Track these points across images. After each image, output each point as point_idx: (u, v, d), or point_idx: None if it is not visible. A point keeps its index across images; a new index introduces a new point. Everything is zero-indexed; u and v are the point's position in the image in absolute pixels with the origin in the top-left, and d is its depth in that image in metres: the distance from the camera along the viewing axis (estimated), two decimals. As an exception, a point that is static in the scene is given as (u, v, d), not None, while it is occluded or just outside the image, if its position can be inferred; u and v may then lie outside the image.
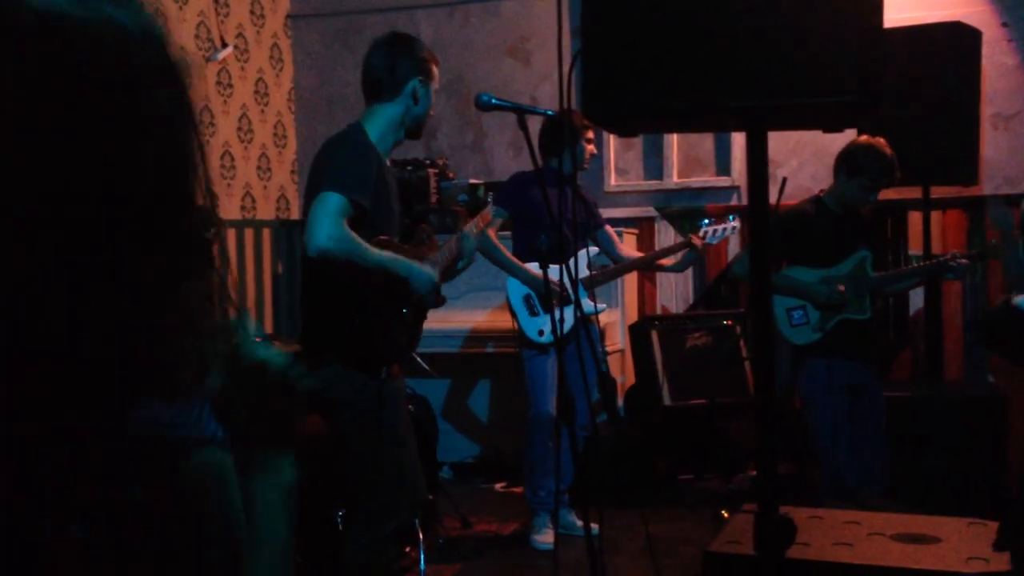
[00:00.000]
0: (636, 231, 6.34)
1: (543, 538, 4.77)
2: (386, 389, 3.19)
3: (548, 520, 4.80)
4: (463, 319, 5.74)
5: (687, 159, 6.44)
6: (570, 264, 3.26)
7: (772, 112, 1.58)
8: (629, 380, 6.05)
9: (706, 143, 6.39)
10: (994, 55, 5.62)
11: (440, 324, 5.31)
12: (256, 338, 4.97)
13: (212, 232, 0.80)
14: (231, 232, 6.50)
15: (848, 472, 4.28)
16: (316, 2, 7.08)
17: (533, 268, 4.74)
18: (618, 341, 5.97)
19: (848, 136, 4.81)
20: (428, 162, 6.36)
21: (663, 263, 5.07)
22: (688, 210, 6.32)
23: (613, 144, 6.49)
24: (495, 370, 6.15)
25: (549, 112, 3.77)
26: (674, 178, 6.42)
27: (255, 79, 6.77)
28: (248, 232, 6.66)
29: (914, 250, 5.77)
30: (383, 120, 3.30)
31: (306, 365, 3.15)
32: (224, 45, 6.38)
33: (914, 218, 5.74)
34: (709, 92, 1.56)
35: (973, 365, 5.77)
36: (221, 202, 6.77)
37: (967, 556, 2.30)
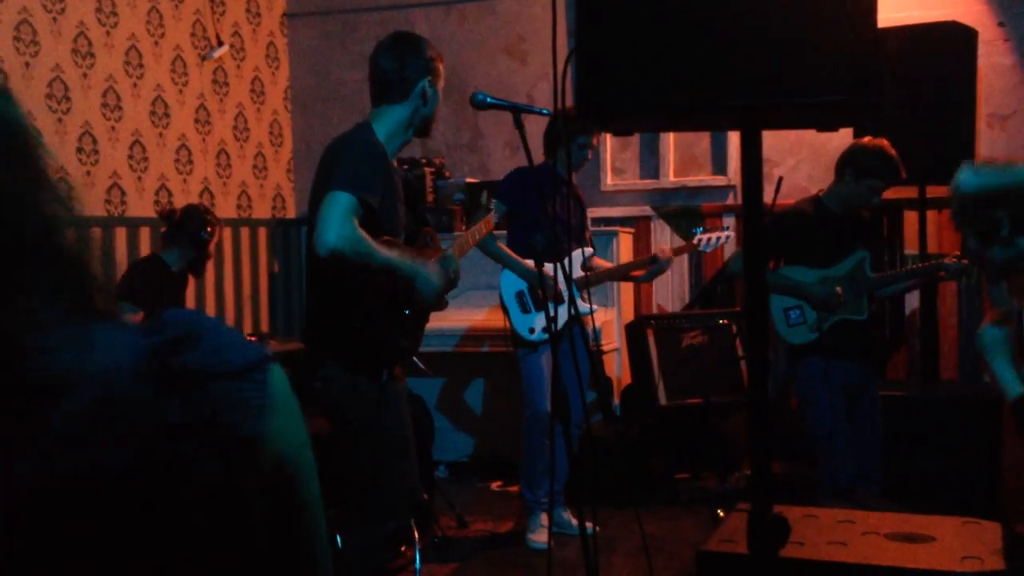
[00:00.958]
0: (632, 230, 6.34)
1: (538, 537, 4.77)
2: (387, 391, 3.19)
3: (544, 519, 4.79)
4: (459, 318, 5.73)
5: (683, 158, 6.44)
6: (564, 263, 3.25)
7: (767, 111, 1.58)
8: (625, 379, 6.05)
9: (702, 142, 6.39)
10: (990, 55, 5.63)
11: (436, 323, 5.30)
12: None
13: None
14: (227, 231, 6.49)
15: (844, 471, 4.28)
16: (312, 1, 7.08)
17: (529, 263, 4.74)
18: (614, 340, 5.97)
19: (844, 135, 4.82)
20: (425, 161, 6.36)
21: (636, 274, 5.09)
22: (684, 209, 6.32)
23: (610, 143, 6.49)
24: (490, 369, 6.15)
25: (545, 111, 3.76)
26: (670, 177, 6.42)
27: (251, 78, 6.76)
28: (244, 231, 6.66)
29: (910, 249, 5.78)
30: (391, 121, 3.28)
31: (308, 364, 3.17)
32: (220, 43, 6.37)
33: (910, 218, 5.74)
34: (704, 91, 1.55)
35: (968, 365, 5.77)
36: (217, 201, 6.80)
37: (961, 555, 2.30)
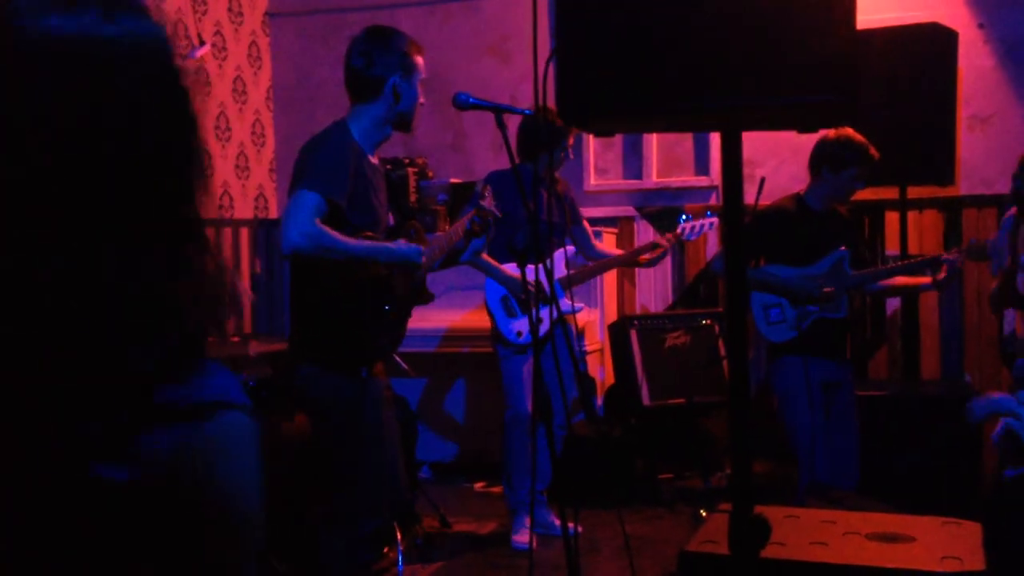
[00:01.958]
0: (616, 230, 6.35)
1: (522, 538, 4.77)
2: (367, 389, 3.19)
3: (527, 520, 4.79)
4: (442, 318, 5.73)
5: (666, 159, 6.45)
6: (546, 263, 3.25)
7: (747, 112, 1.58)
8: (608, 379, 6.06)
9: (685, 143, 6.41)
10: (971, 56, 5.66)
11: (419, 323, 5.29)
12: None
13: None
14: (209, 231, 6.45)
15: (823, 469, 4.30)
16: (295, 0, 7.05)
17: (509, 269, 4.73)
18: (597, 340, 5.98)
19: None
20: (408, 161, 6.35)
21: (643, 258, 5.04)
22: (667, 210, 6.33)
23: (593, 144, 6.50)
24: (475, 369, 6.14)
25: (527, 112, 3.76)
26: (653, 178, 6.43)
27: (233, 77, 6.74)
28: (226, 231, 6.63)
29: (891, 250, 5.80)
30: (366, 120, 3.28)
31: (290, 363, 3.17)
32: (201, 43, 6.34)
33: (891, 218, 5.76)
34: (683, 92, 1.56)
35: (949, 364, 5.80)
36: (199, 201, 6.73)
37: (941, 555, 2.31)
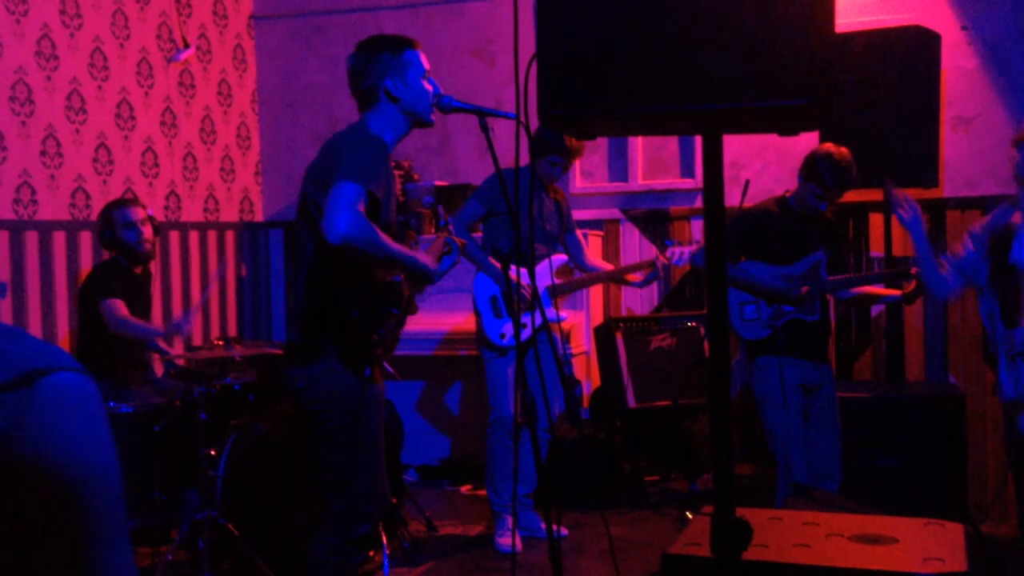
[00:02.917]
0: (601, 233, 6.36)
1: (506, 540, 4.77)
2: (368, 391, 3.20)
3: (511, 522, 4.79)
4: (430, 322, 5.73)
5: (652, 161, 6.46)
6: (534, 270, 3.26)
7: (727, 115, 1.58)
8: (594, 382, 6.06)
9: (671, 145, 6.42)
10: (954, 58, 5.68)
11: (407, 327, 5.29)
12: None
13: None
14: (194, 234, 6.44)
15: (800, 470, 4.32)
16: (279, 3, 7.04)
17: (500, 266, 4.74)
18: (583, 343, 5.98)
19: (810, 139, 4.85)
20: (393, 164, 6.34)
21: (630, 279, 5.01)
22: (653, 213, 6.34)
23: (578, 146, 6.50)
24: (461, 373, 6.14)
25: (511, 115, 3.76)
26: (639, 180, 6.44)
27: (218, 80, 6.72)
28: (211, 234, 6.61)
29: (876, 252, 5.82)
30: (378, 124, 3.27)
31: (297, 361, 3.17)
32: (186, 46, 6.33)
33: (875, 220, 5.78)
34: (663, 95, 1.56)
35: (934, 366, 5.82)
36: (184, 204, 6.74)
37: (923, 557, 2.31)
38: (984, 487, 5.51)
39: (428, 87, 3.29)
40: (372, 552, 4.31)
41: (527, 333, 4.63)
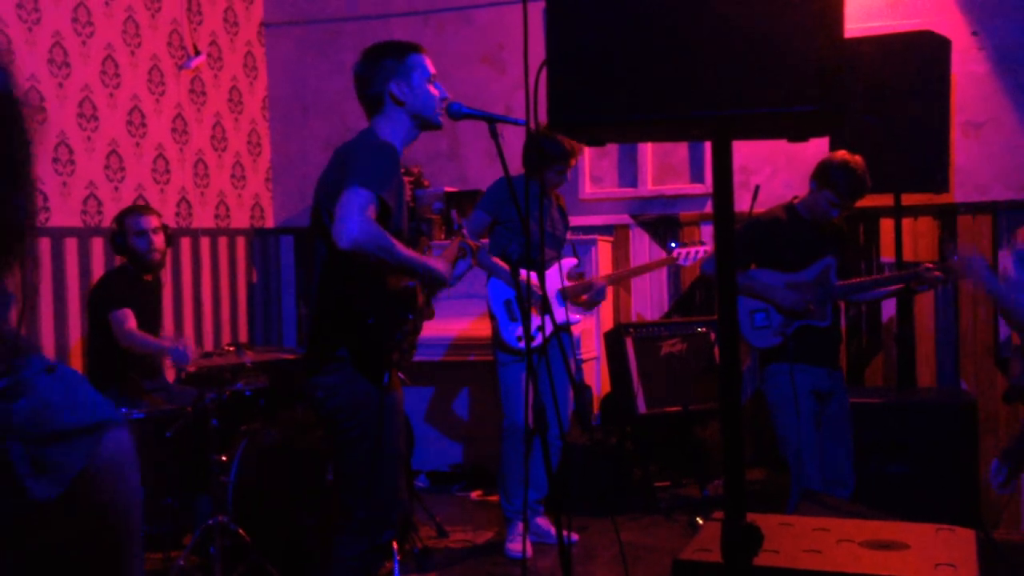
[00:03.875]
0: (611, 239, 6.36)
1: (517, 546, 4.76)
2: (387, 398, 3.20)
3: (521, 528, 4.79)
4: (440, 327, 5.73)
5: (661, 166, 6.46)
6: (544, 274, 3.26)
7: (736, 121, 1.59)
8: (604, 388, 6.06)
9: (680, 151, 6.42)
10: (964, 63, 5.67)
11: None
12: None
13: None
14: (205, 240, 6.47)
15: (813, 477, 4.31)
16: (290, 10, 7.07)
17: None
18: (593, 349, 5.98)
19: (820, 144, 4.85)
20: (403, 170, 6.35)
21: (583, 299, 5.05)
22: (663, 218, 6.34)
23: (588, 152, 6.50)
24: (472, 379, 6.14)
25: (520, 122, 3.77)
26: (648, 186, 6.44)
27: (229, 87, 6.75)
28: (222, 240, 6.64)
29: (886, 257, 5.81)
30: (386, 129, 3.29)
31: (310, 372, 3.17)
32: (197, 53, 6.35)
33: (886, 225, 5.78)
34: (673, 101, 1.56)
35: (945, 371, 5.81)
36: (195, 210, 6.76)
37: (935, 563, 2.31)
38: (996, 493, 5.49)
39: (434, 91, 3.30)
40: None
41: (540, 339, 4.63)
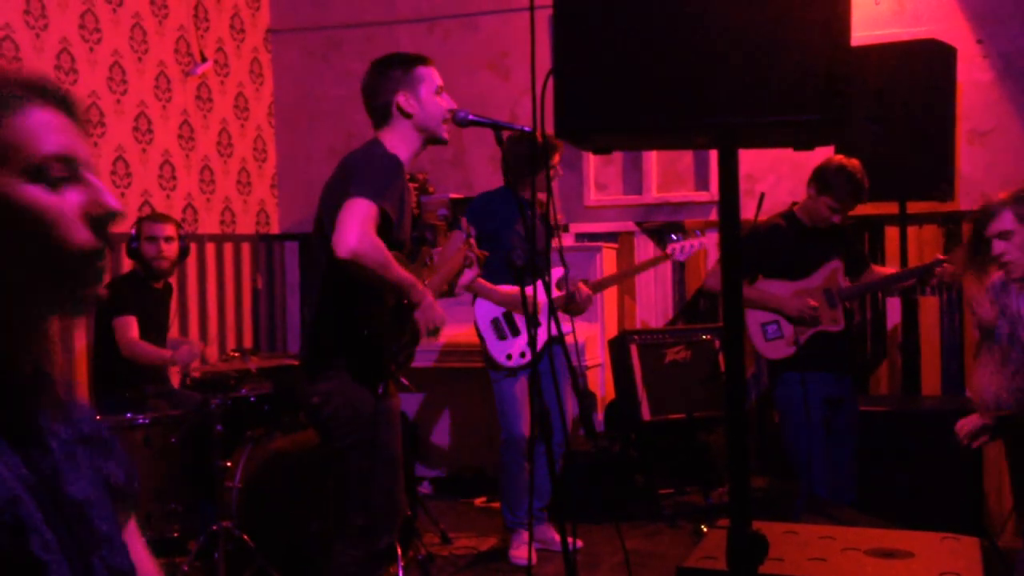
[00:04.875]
0: (616, 246, 6.36)
1: (521, 553, 4.76)
2: (382, 406, 3.20)
3: (526, 535, 4.79)
4: (445, 333, 5.72)
5: (666, 174, 6.46)
6: (546, 279, 3.26)
7: (741, 130, 1.59)
8: (609, 395, 6.06)
9: (685, 158, 6.42)
10: (970, 71, 5.67)
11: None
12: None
13: None
14: (210, 246, 6.48)
15: (823, 485, 4.30)
16: (296, 17, 7.09)
17: (505, 289, 4.74)
18: (598, 355, 5.98)
19: (825, 151, 4.84)
20: (409, 177, 6.36)
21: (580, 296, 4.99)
22: (668, 225, 6.34)
23: (593, 159, 6.51)
24: (476, 384, 6.14)
25: (525, 129, 3.77)
26: (653, 193, 6.44)
27: (235, 93, 6.76)
28: (227, 246, 6.65)
29: (891, 265, 5.81)
30: (392, 141, 3.29)
31: (305, 379, 3.17)
32: (203, 59, 6.37)
33: (891, 233, 5.77)
34: (679, 110, 1.57)
35: (950, 380, 5.80)
36: (200, 216, 6.77)
37: (939, 571, 2.30)
38: (1000, 501, 5.48)
39: (442, 102, 3.30)
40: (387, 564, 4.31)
41: (530, 356, 4.63)
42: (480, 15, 6.72)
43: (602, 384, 6.10)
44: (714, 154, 6.32)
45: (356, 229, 2.97)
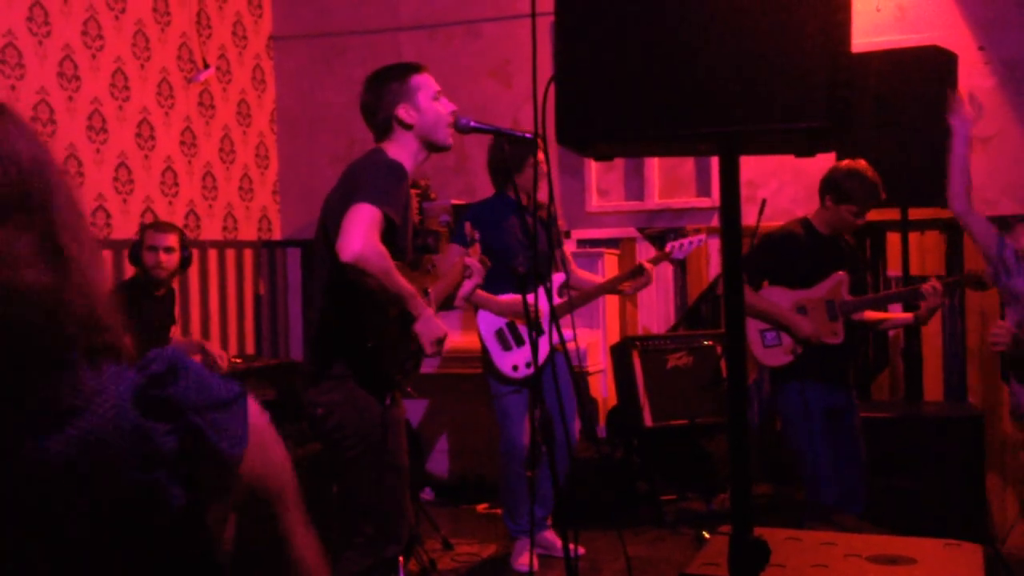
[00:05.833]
0: (617, 252, 6.36)
1: (524, 560, 4.75)
2: (389, 415, 3.20)
3: (528, 542, 4.78)
4: (448, 339, 5.72)
5: (668, 180, 6.47)
6: (548, 285, 3.26)
7: (742, 137, 1.59)
8: (611, 400, 6.05)
9: (687, 164, 6.43)
10: (971, 77, 5.67)
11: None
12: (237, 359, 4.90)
13: None
14: (213, 253, 6.49)
15: (827, 494, 4.28)
16: (298, 23, 7.10)
17: (506, 298, 4.73)
18: (599, 361, 5.97)
19: (826, 157, 4.84)
20: (411, 183, 6.37)
21: (624, 287, 4.90)
22: (670, 231, 6.34)
23: (594, 165, 6.52)
24: (479, 390, 6.13)
25: (527, 135, 3.78)
26: (655, 199, 6.45)
27: (237, 100, 6.78)
28: (230, 253, 6.66)
29: (893, 272, 5.81)
30: (395, 152, 3.29)
31: (316, 387, 3.15)
32: (206, 66, 6.38)
33: (893, 239, 5.77)
34: (680, 117, 1.57)
35: (952, 386, 5.80)
36: (203, 223, 6.77)
37: (942, 577, 2.30)
38: (1003, 508, 5.48)
39: (441, 107, 3.30)
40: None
41: (542, 356, 4.60)
42: (482, 22, 6.73)
43: (604, 390, 6.10)
44: (715, 160, 6.31)
45: (361, 234, 2.96)
